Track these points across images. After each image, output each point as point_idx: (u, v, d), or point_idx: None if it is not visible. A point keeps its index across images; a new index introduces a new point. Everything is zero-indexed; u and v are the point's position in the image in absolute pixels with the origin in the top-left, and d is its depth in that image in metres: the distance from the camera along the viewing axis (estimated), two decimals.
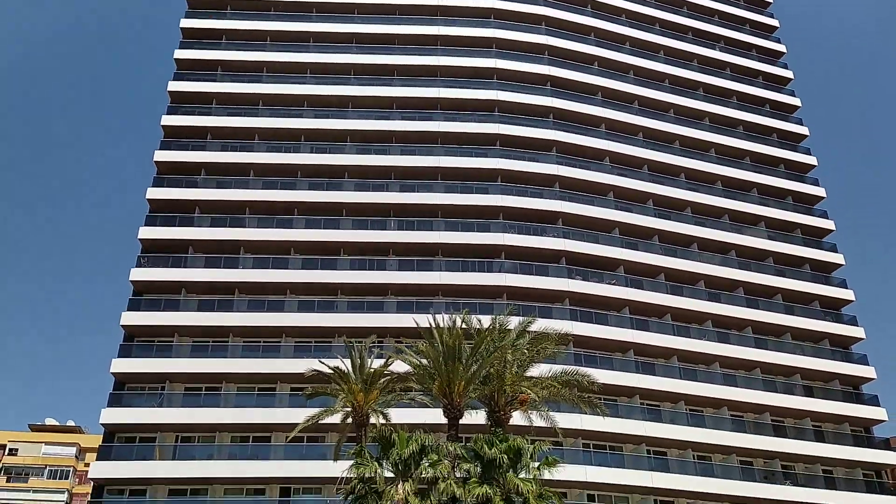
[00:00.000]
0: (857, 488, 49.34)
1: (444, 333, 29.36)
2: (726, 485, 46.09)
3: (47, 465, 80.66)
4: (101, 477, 42.76)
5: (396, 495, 25.77)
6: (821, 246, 59.31)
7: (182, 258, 49.57)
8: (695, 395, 48.59)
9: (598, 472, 44.16)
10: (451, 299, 47.17)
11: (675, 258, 53.81)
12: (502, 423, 28.53)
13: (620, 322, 50.30)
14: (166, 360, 46.04)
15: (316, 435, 42.05)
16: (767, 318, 53.45)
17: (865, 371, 53.77)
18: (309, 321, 47.44)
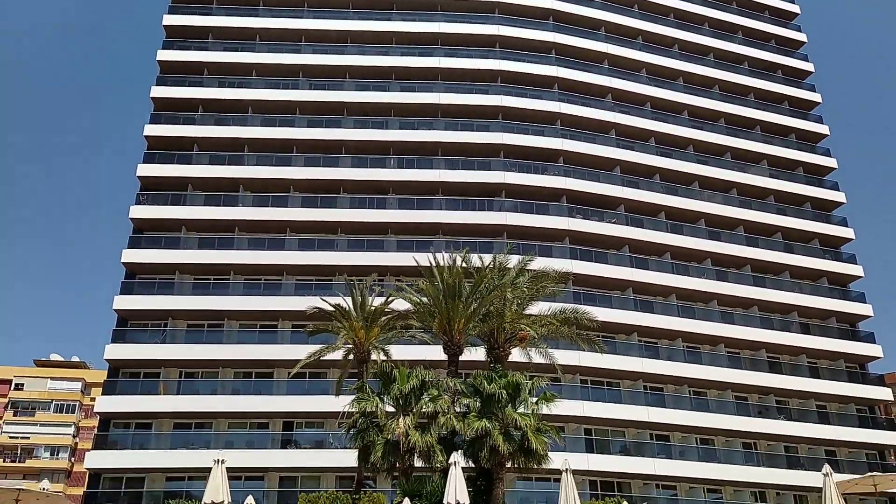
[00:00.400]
0: (850, 423, 50.30)
1: (444, 272, 29.51)
2: (721, 419, 46.99)
3: (53, 399, 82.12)
4: (107, 411, 43.55)
5: (397, 429, 26.28)
6: (822, 184, 59.11)
7: (181, 196, 49.49)
8: (692, 333, 49.14)
9: (595, 407, 44.95)
10: (451, 238, 47.20)
11: (676, 196, 53.70)
12: (501, 359, 28.89)
13: (620, 260, 50.50)
14: (168, 297, 46.36)
15: (318, 371, 42.66)
16: (767, 256, 53.63)
17: (862, 308, 54.27)
18: (309, 259, 47.61)
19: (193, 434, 43.84)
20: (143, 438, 43.77)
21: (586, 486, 42.37)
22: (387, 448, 26.54)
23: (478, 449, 25.72)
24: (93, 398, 71.70)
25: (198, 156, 50.88)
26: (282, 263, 47.49)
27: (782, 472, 46.41)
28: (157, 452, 42.54)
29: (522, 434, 25.85)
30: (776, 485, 46.34)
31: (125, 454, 42.59)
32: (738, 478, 45.53)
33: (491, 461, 25.60)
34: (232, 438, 43.44)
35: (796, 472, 46.25)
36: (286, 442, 44.08)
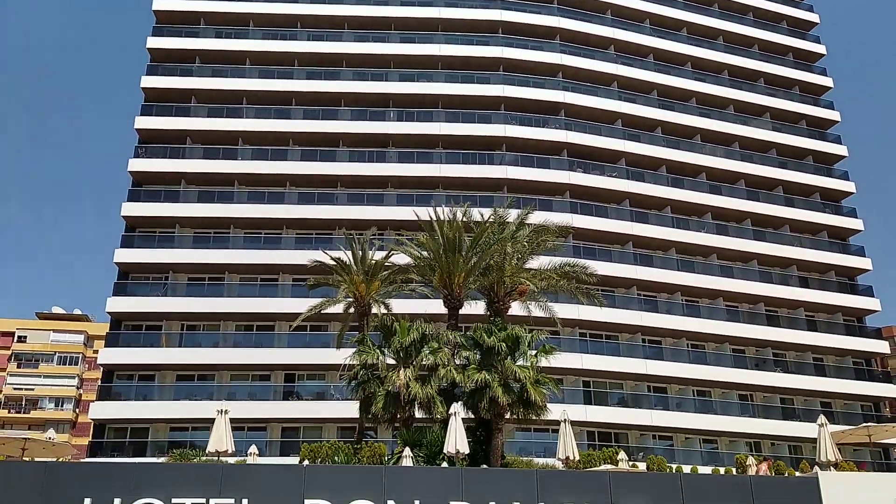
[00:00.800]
0: (846, 375, 50.83)
1: (444, 226, 29.49)
2: (718, 371, 47.49)
3: (56, 351, 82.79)
4: (110, 363, 43.97)
5: (398, 380, 26.55)
6: (825, 137, 58.72)
7: (180, 149, 49.22)
8: (691, 286, 49.34)
9: (593, 359, 45.38)
10: (451, 192, 47.03)
11: (677, 150, 53.40)
12: (501, 313, 29.05)
13: (620, 214, 50.44)
14: (169, 250, 46.42)
15: (319, 324, 42.91)
16: (767, 210, 53.56)
17: (861, 262, 54.41)
18: (309, 213, 47.54)
19: (196, 386, 44.32)
20: (147, 390, 44.29)
21: (584, 437, 42.98)
22: (387, 399, 26.85)
23: (477, 400, 26.02)
24: (95, 350, 72.38)
25: (195, 108, 50.45)
26: (282, 217, 47.44)
27: (777, 424, 47.06)
28: (160, 403, 43.09)
29: (521, 386, 26.12)
30: (771, 435, 47.02)
31: (129, 405, 43.14)
32: (733, 429, 46.18)
33: (490, 412, 25.92)
34: (234, 390, 43.93)
35: (791, 424, 46.92)
36: (288, 394, 44.61)
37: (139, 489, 15.21)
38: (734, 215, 52.98)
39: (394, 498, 15.88)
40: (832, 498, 17.63)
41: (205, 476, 16.04)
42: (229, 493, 15.43)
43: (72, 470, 17.03)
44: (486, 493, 16.32)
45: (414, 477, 17.67)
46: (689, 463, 40.14)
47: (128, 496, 15.08)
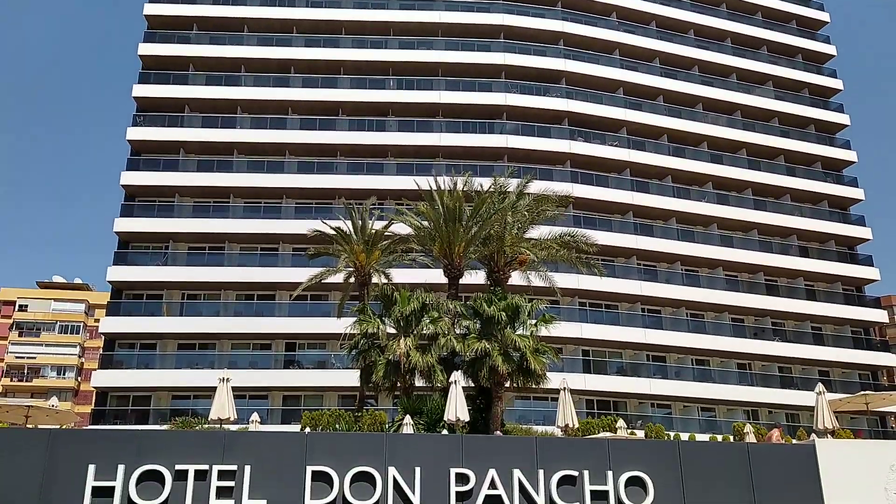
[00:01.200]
0: (844, 344, 51.08)
1: (444, 195, 29.42)
2: (716, 341, 47.71)
3: (58, 320, 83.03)
4: (111, 331, 44.18)
5: (398, 349, 26.69)
6: (827, 106, 58.40)
7: (178, 117, 48.96)
8: (691, 256, 49.40)
9: (593, 329, 45.57)
10: (451, 161, 46.87)
11: (679, 119, 53.11)
12: (501, 282, 29.09)
13: (621, 184, 50.32)
14: (168, 219, 46.41)
15: (319, 293, 43.01)
16: (768, 179, 53.44)
17: (861, 232, 54.41)
18: (309, 182, 47.42)
19: (197, 354, 44.57)
20: (148, 358, 44.55)
21: (583, 405, 43.32)
22: (388, 368, 27.02)
23: (477, 369, 26.16)
24: (97, 319, 72.64)
25: (194, 77, 50.07)
26: (281, 186, 47.33)
27: (775, 392, 47.43)
28: (162, 372, 43.36)
29: (521, 355, 26.24)
30: (769, 404, 47.41)
31: (131, 373, 43.42)
32: (731, 397, 46.54)
33: (490, 380, 26.08)
34: (235, 359, 44.16)
35: (789, 392, 47.27)
36: (289, 362, 44.86)
37: (142, 455, 15.32)
38: (735, 184, 52.85)
39: (395, 464, 15.99)
40: (829, 465, 17.78)
41: (207, 443, 16.14)
42: (232, 459, 15.54)
43: (75, 437, 17.15)
44: (485, 460, 16.43)
45: (415, 444, 17.78)
46: (687, 431, 40.51)
47: (131, 462, 15.19)
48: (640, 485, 16.69)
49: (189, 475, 15.15)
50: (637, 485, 16.68)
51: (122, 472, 14.98)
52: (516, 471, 16.31)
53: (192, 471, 15.19)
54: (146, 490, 14.95)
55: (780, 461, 17.95)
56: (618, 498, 16.52)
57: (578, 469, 16.63)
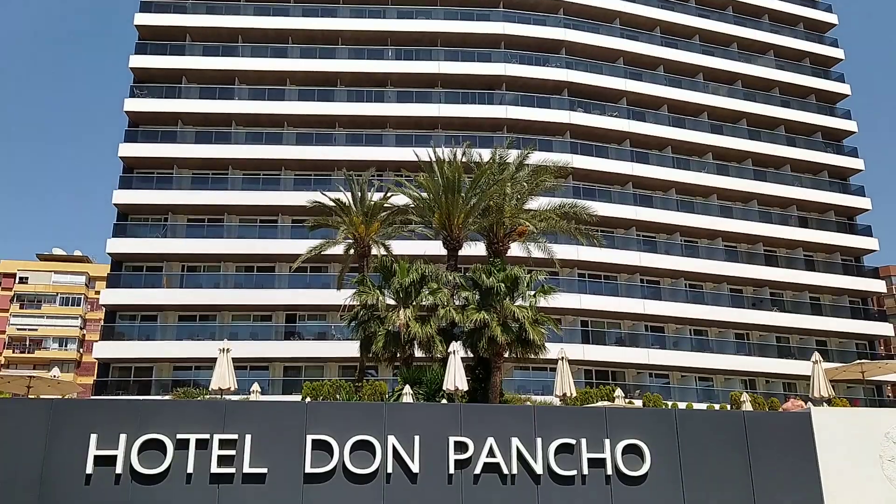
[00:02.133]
0: (842, 314, 51.29)
1: (443, 166, 29.35)
2: (715, 311, 47.90)
3: (58, 292, 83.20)
4: (112, 303, 44.32)
5: (398, 320, 26.81)
6: (828, 76, 58.03)
7: (176, 89, 48.67)
8: (690, 227, 49.40)
9: (592, 299, 45.72)
10: (450, 132, 46.70)
11: (679, 89, 52.81)
12: (500, 253, 29.14)
13: (620, 154, 50.19)
14: (167, 191, 46.32)
15: (319, 265, 43.11)
16: (768, 149, 53.27)
17: (861, 202, 54.37)
18: (308, 154, 47.26)
19: (198, 326, 44.75)
20: (149, 330, 44.74)
21: (581, 375, 43.64)
22: (388, 339, 27.16)
23: (476, 339, 26.29)
24: (97, 291, 72.79)
25: (191, 47, 49.70)
26: (280, 158, 47.19)
27: (773, 362, 47.71)
28: (162, 343, 43.56)
29: (520, 325, 26.35)
30: (766, 373, 47.72)
31: (132, 345, 43.64)
32: (729, 366, 46.85)
33: (489, 351, 26.23)
34: (236, 330, 44.36)
35: (786, 362, 47.55)
36: (289, 333, 45.07)
37: (144, 425, 15.46)
38: (735, 155, 52.71)
39: (394, 433, 16.14)
40: (824, 433, 17.95)
41: (208, 412, 16.26)
42: (232, 428, 15.68)
43: (77, 407, 17.28)
44: (484, 429, 16.58)
45: (414, 413, 17.93)
46: (685, 400, 40.87)
47: (133, 432, 15.33)
48: (636, 452, 16.88)
49: (190, 444, 15.31)
50: (634, 452, 16.87)
51: (123, 441, 15.14)
52: (514, 439, 16.49)
53: (194, 440, 15.35)
54: (148, 459, 15.13)
55: (775, 429, 18.12)
56: (615, 465, 16.71)
57: (576, 437, 16.81)
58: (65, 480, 14.98)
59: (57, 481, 14.97)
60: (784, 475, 17.53)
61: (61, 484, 14.95)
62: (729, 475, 17.34)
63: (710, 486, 17.24)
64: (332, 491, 15.62)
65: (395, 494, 15.88)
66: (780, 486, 17.49)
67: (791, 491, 17.52)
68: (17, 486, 14.91)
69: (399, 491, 15.87)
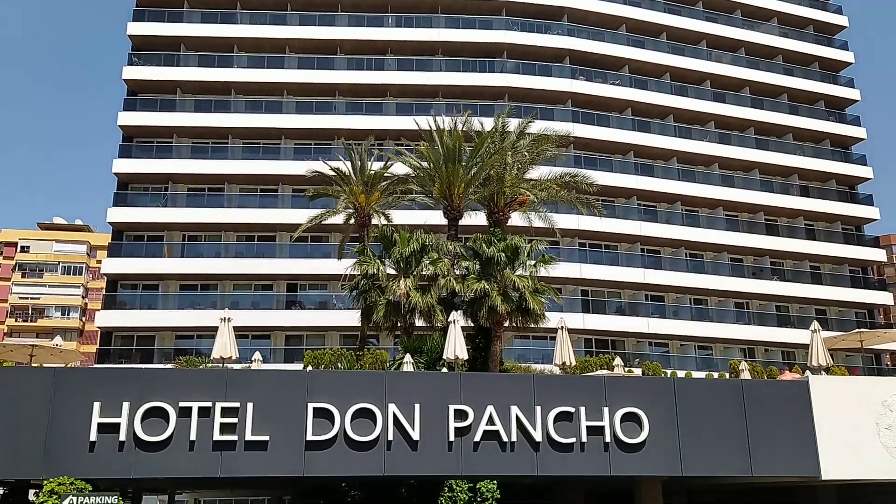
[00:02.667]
0: (842, 283, 51.37)
1: (444, 135, 29.21)
2: (715, 280, 48.00)
3: (60, 261, 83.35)
4: (113, 272, 44.40)
5: (398, 290, 26.88)
6: (832, 44, 57.48)
7: (174, 56, 48.27)
8: (691, 196, 49.29)
9: (592, 269, 45.79)
10: (451, 101, 46.40)
11: (682, 57, 52.36)
12: (501, 223, 29.11)
13: (622, 123, 49.91)
14: (167, 160, 46.16)
15: (319, 235, 43.10)
16: (771, 118, 52.96)
17: (863, 171, 54.19)
18: (307, 123, 47.03)
19: (199, 295, 44.88)
20: (151, 299, 44.87)
21: (581, 344, 43.84)
22: (388, 308, 27.26)
23: (477, 309, 26.38)
24: (99, 260, 72.96)
25: (189, 14, 49.20)
26: (280, 127, 46.96)
27: (772, 330, 47.88)
28: (164, 312, 43.73)
29: (520, 295, 26.42)
30: (765, 342, 47.92)
31: (134, 313, 43.82)
32: (728, 335, 47.04)
33: (489, 320, 26.32)
34: (237, 299, 44.50)
35: (786, 330, 47.73)
36: (290, 303, 45.21)
37: (147, 393, 15.62)
38: (737, 124, 52.42)
39: (395, 401, 16.31)
40: (821, 401, 18.11)
41: (210, 381, 16.44)
42: (234, 397, 15.85)
43: (80, 375, 17.44)
44: (484, 397, 16.75)
45: (414, 381, 18.11)
46: (684, 368, 41.13)
47: (136, 400, 15.50)
48: (635, 420, 17.06)
49: (193, 412, 15.49)
50: (632, 420, 17.05)
51: (126, 409, 15.30)
52: (514, 407, 16.65)
53: (196, 408, 15.52)
54: (151, 426, 15.31)
55: (773, 398, 18.28)
56: (613, 433, 16.89)
57: (575, 405, 16.97)
58: (69, 448, 15.17)
59: (61, 449, 15.16)
60: (781, 443, 17.72)
61: (65, 451, 15.15)
62: (727, 443, 17.53)
63: (708, 454, 17.44)
64: (333, 458, 15.82)
65: (396, 461, 16.08)
66: (777, 453, 17.69)
67: (788, 458, 17.73)
68: (22, 453, 15.11)
69: (400, 458, 16.07)
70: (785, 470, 17.79)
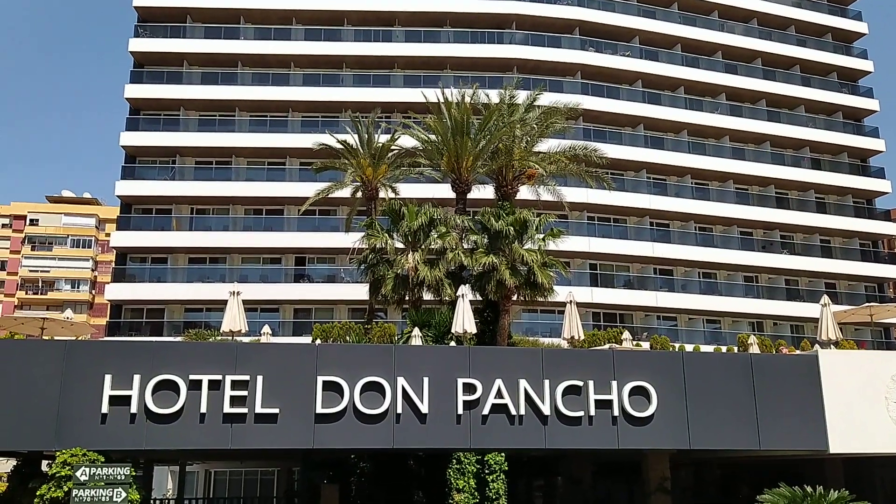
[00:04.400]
0: (852, 257, 51.09)
1: (452, 108, 28.99)
2: (724, 254, 47.80)
3: (69, 234, 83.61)
4: (122, 245, 44.57)
5: (407, 264, 26.87)
6: (845, 14, 56.64)
7: (181, 28, 47.95)
8: (702, 169, 48.92)
9: (601, 242, 45.67)
10: (459, 73, 46.04)
11: (693, 28, 51.67)
12: (509, 197, 28.99)
13: (632, 96, 49.46)
14: (174, 133, 46.06)
15: (327, 208, 43.10)
16: (783, 90, 52.37)
17: (875, 143, 53.65)
18: (315, 95, 46.75)
19: (208, 268, 45.03)
20: (160, 272, 45.06)
21: (589, 318, 43.85)
22: (397, 282, 27.26)
23: (485, 283, 26.35)
24: (107, 233, 73.19)
25: None
26: (287, 99, 46.72)
27: (781, 304, 47.78)
28: (173, 285, 43.92)
29: (529, 269, 26.37)
30: (774, 315, 47.84)
31: (143, 287, 44.04)
32: (737, 309, 46.97)
33: (498, 294, 26.30)
34: (246, 273, 44.62)
35: (795, 304, 47.61)
36: (299, 276, 45.31)
37: (158, 366, 15.73)
38: (749, 96, 51.87)
39: (403, 375, 16.38)
40: (830, 375, 18.11)
41: (220, 354, 16.53)
42: (244, 370, 15.94)
43: (92, 348, 17.55)
44: (492, 371, 16.81)
45: (423, 355, 18.16)
46: (692, 342, 41.07)
47: (147, 372, 15.61)
48: (643, 394, 17.10)
49: (203, 385, 15.60)
50: (641, 394, 17.09)
51: (137, 381, 15.42)
52: (522, 381, 16.70)
53: (206, 380, 15.64)
54: (162, 398, 15.43)
55: (782, 371, 18.27)
56: (621, 406, 16.94)
57: (583, 379, 17.01)
58: (81, 420, 15.32)
59: (73, 421, 15.31)
60: (790, 417, 17.74)
61: (78, 423, 15.30)
62: (735, 416, 17.56)
63: (716, 428, 17.48)
64: (342, 430, 15.94)
65: (405, 434, 16.18)
66: (785, 427, 17.71)
67: (796, 432, 17.76)
68: (36, 425, 15.26)
69: (408, 431, 16.17)
70: (793, 444, 17.83)
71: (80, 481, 14.22)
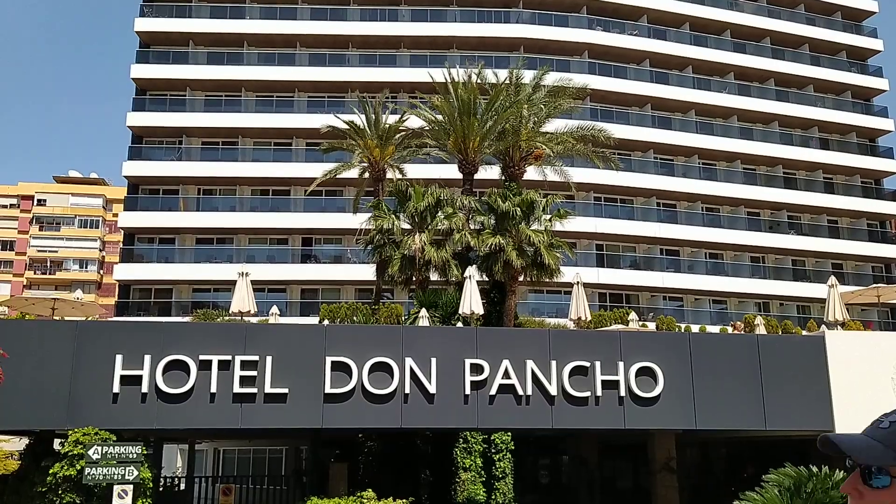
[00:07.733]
0: (860, 237, 50.96)
1: (459, 88, 28.92)
2: (731, 234, 47.72)
3: (77, 214, 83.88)
4: (130, 226, 44.71)
5: (413, 244, 26.94)
6: None
7: (186, 7, 47.78)
8: (709, 149, 48.73)
9: (607, 223, 45.62)
10: (466, 52, 45.80)
11: (702, 6, 51.21)
12: (516, 177, 28.98)
13: (639, 75, 49.16)
14: (181, 114, 46.04)
15: (334, 189, 43.11)
16: (792, 69, 51.98)
17: (884, 123, 53.31)
18: (321, 75, 46.63)
19: (215, 249, 45.19)
20: (168, 252, 45.24)
21: (596, 298, 43.86)
22: (403, 262, 27.35)
23: (492, 263, 26.43)
24: (115, 214, 73.33)
25: None
26: (293, 79, 46.60)
27: (788, 285, 47.71)
28: (181, 266, 44.10)
29: (535, 249, 26.44)
30: (780, 296, 47.79)
31: (151, 267, 44.23)
32: (743, 290, 46.94)
33: (504, 275, 26.38)
34: (253, 253, 44.76)
35: (801, 285, 47.54)
36: (306, 257, 45.44)
37: (168, 346, 15.84)
38: (757, 75, 51.50)
39: (411, 355, 16.46)
40: (837, 356, 18.13)
41: (229, 334, 16.64)
42: (253, 350, 16.05)
43: (102, 328, 17.70)
44: (499, 352, 16.88)
45: (430, 336, 18.25)
46: (699, 323, 41.11)
47: (157, 352, 15.73)
48: (650, 375, 17.16)
49: (213, 365, 15.72)
50: (647, 375, 17.15)
51: (148, 361, 15.55)
52: (529, 361, 16.78)
53: (216, 361, 15.75)
54: (172, 378, 15.56)
55: (788, 352, 18.32)
56: (628, 387, 17.02)
57: (590, 360, 17.08)
58: (93, 399, 15.48)
59: (85, 400, 15.47)
60: (796, 398, 17.80)
61: (90, 402, 15.46)
62: (741, 397, 17.63)
63: (722, 408, 17.56)
64: (351, 410, 16.06)
65: (413, 414, 16.31)
66: (791, 408, 17.77)
67: (802, 413, 17.83)
68: (48, 404, 15.43)
69: (416, 410, 16.30)
70: (799, 424, 17.89)
71: (93, 459, 14.39)
